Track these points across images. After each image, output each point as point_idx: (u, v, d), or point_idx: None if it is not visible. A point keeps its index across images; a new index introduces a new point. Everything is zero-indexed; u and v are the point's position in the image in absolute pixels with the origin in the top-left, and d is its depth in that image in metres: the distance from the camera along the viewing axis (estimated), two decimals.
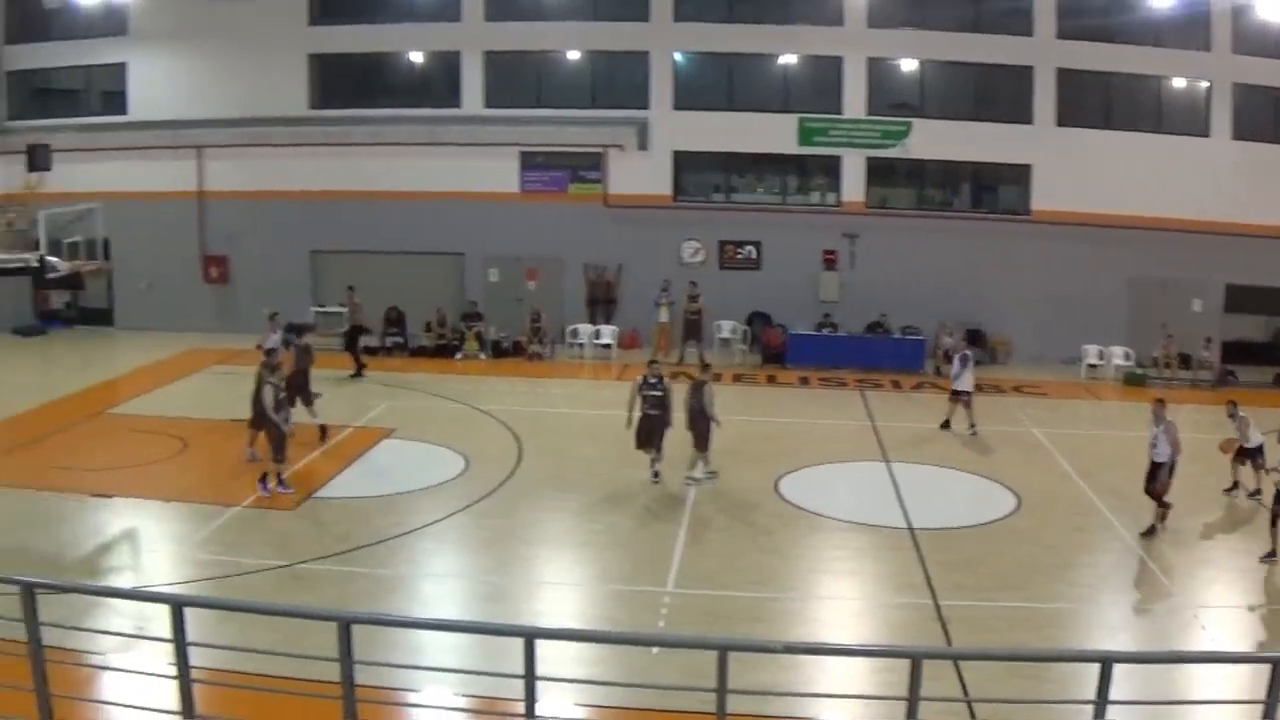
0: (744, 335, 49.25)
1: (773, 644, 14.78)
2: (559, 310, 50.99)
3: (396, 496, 31.22)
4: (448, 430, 36.75)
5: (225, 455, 34.06)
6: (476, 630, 19.18)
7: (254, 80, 52.68)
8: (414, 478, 32.72)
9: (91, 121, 55.10)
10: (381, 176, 51.88)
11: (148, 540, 29.02)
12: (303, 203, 52.71)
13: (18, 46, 55.89)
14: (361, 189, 52.05)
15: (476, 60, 51.60)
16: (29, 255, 40.33)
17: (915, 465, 34.14)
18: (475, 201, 51.19)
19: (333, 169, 52.35)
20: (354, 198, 52.15)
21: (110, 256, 45.53)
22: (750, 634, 21.63)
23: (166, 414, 39.41)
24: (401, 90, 53.52)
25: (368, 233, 52.43)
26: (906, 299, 47.48)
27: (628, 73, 50.85)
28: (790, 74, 49.87)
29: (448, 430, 36.75)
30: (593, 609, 24.52)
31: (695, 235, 50.09)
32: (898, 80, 49.44)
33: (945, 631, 22.42)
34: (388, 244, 52.38)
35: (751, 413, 38.75)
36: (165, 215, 53.63)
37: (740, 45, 49.13)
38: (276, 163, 53.01)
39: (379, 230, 52.20)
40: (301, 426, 33.77)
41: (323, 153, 52.37)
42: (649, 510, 29.75)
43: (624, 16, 49.84)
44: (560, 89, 51.86)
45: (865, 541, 27.84)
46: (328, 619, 13.62)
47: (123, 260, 50.25)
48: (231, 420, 36.79)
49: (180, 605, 13.63)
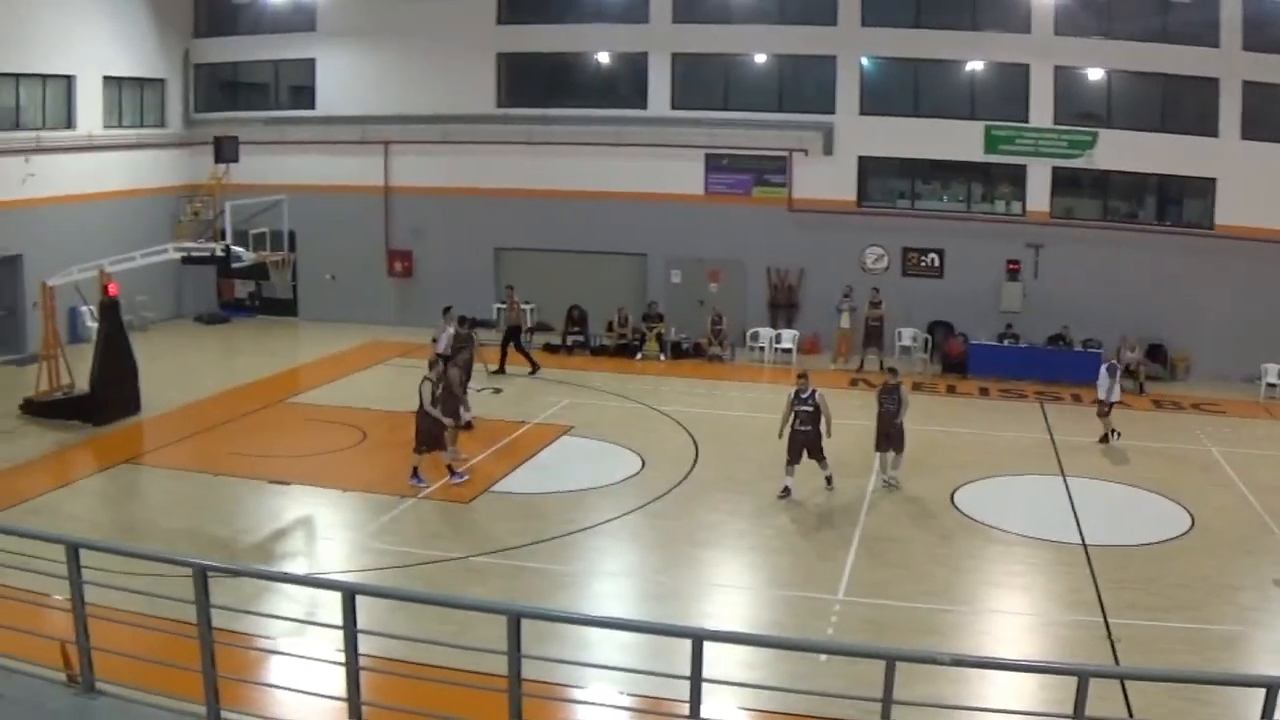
0: (925, 344, 48.83)
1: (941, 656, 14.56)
2: (740, 313, 50.66)
3: (572, 494, 31.41)
4: (625, 430, 36.81)
5: (403, 447, 34.35)
6: (645, 630, 19.17)
7: (441, 78, 53.14)
8: (590, 476, 32.88)
9: (279, 115, 55.92)
10: (567, 176, 52.00)
11: (322, 528, 29.47)
12: (488, 200, 53.01)
13: (207, 40, 56.76)
14: (546, 188, 52.21)
15: (664, 62, 51.52)
16: (215, 245, 40.93)
17: (1091, 480, 33.55)
18: (659, 203, 51.15)
19: (518, 167, 52.62)
20: (539, 196, 52.34)
21: (295, 248, 46.08)
22: (919, 645, 21.41)
23: (347, 404, 39.84)
24: (588, 90, 53.66)
25: (552, 231, 52.61)
26: (1088, 311, 46.51)
27: (814, 76, 50.37)
28: (977, 81, 49.32)
29: (625, 430, 36.81)
30: (761, 613, 24.48)
31: (878, 241, 49.67)
32: (1084, 89, 48.46)
33: (1113, 650, 22.10)
34: (571, 243, 52.55)
35: (930, 422, 38.36)
36: (351, 209, 54.30)
37: (927, 51, 48.51)
38: (463, 160, 53.42)
39: (563, 229, 52.34)
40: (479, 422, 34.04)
41: (509, 151, 52.64)
42: (822, 517, 29.60)
43: (811, 20, 49.42)
44: (746, 92, 51.56)
45: (1039, 556, 27.45)
46: (498, 612, 13.57)
47: (307, 252, 51.03)
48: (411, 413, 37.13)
49: (352, 593, 13.68)
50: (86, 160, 49.80)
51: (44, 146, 47.54)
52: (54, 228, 46.50)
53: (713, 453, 35.26)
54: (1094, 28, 46.67)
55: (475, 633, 18.00)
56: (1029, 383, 44.52)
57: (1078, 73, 47.47)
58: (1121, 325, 45.55)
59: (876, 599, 24.19)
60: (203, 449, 35.23)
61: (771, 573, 26.80)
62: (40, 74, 47.97)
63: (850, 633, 22.55)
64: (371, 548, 27.43)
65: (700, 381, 45.25)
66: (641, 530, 29.11)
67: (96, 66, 50.45)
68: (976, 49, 47.99)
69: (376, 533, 28.26)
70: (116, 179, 51.40)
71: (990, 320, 47.65)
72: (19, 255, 46.33)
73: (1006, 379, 45.08)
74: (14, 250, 46.14)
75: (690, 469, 33.70)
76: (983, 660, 19.31)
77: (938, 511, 30.33)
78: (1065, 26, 46.69)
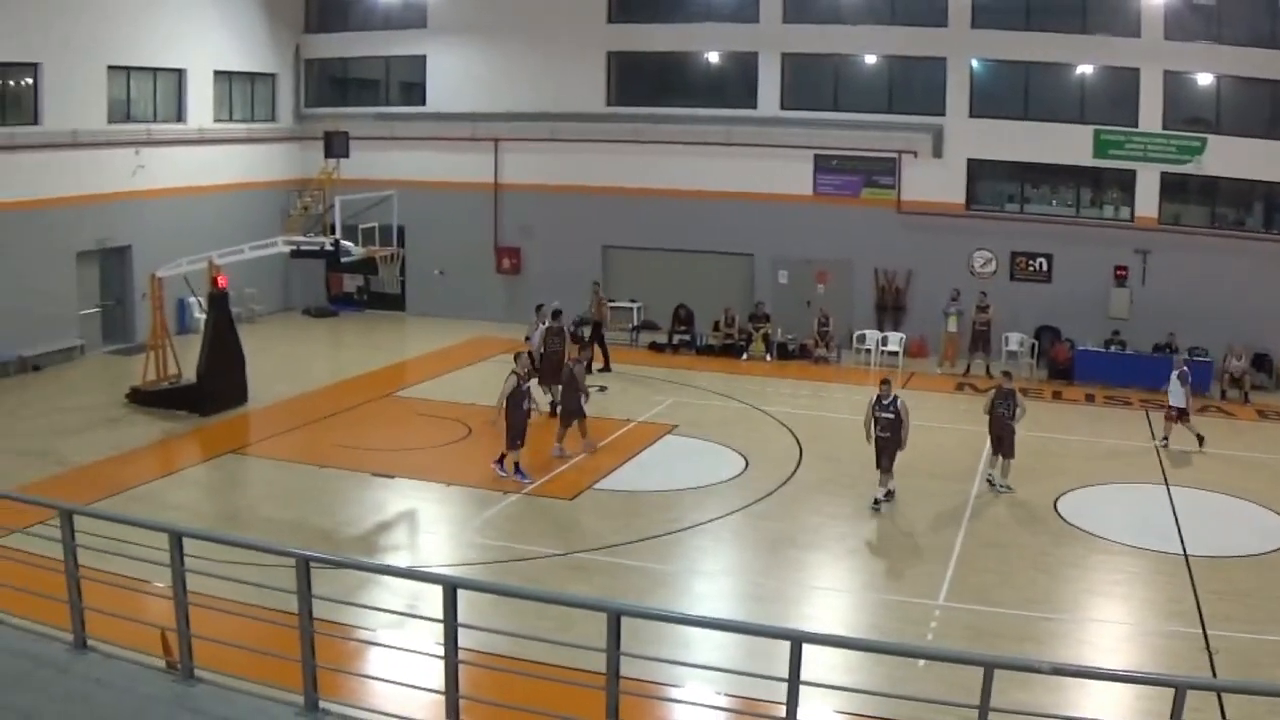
0: (1031, 349, 48.44)
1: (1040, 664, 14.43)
2: (847, 315, 50.51)
3: (675, 492, 31.44)
4: (729, 430, 36.74)
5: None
6: (744, 630, 19.10)
7: (551, 76, 53.38)
8: (693, 475, 32.88)
9: (390, 111, 56.51)
10: (675, 175, 52.04)
11: (425, 521, 29.67)
12: (596, 198, 53.16)
13: (318, 36, 57.40)
14: (655, 187, 52.28)
15: (773, 61, 51.36)
16: (324, 239, 41.22)
17: (1194, 490, 33.09)
18: (767, 203, 51.02)
19: (627, 166, 52.75)
20: (647, 195, 52.41)
21: (404, 244, 46.32)
22: (1018, 653, 21.35)
23: (452, 399, 40.00)
24: (697, 90, 53.57)
25: (659, 230, 52.64)
26: (1195, 319, 45.85)
27: (924, 78, 50.07)
28: (1086, 84, 48.84)
29: (729, 430, 36.74)
30: (860, 617, 24.42)
31: (986, 245, 49.31)
32: (1193, 94, 47.89)
33: (1211, 662, 21.82)
34: (679, 242, 52.57)
35: (1035, 428, 38.05)
36: (459, 205, 54.66)
37: (1037, 53, 48.03)
38: (572, 158, 53.63)
39: (671, 228, 52.36)
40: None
41: (618, 149, 52.76)
42: (924, 521, 29.41)
43: (921, 21, 49.21)
44: (856, 93, 51.24)
45: (1139, 565, 27.15)
46: (598, 609, 13.61)
47: (416, 248, 51.23)
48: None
49: (454, 587, 13.73)
50: (196, 153, 50.47)
51: (154, 139, 48.10)
52: (163, 220, 47.18)
53: (816, 455, 35.16)
54: (1204, 32, 46.12)
55: (574, 629, 18.04)
56: (1134, 390, 44.04)
57: (1187, 77, 46.92)
58: (1228, 333, 44.99)
59: (977, 605, 24.05)
60: (307, 441, 35.53)
61: (872, 576, 26.73)
62: (151, 67, 48.54)
63: (949, 638, 22.41)
64: (474, 542, 27.59)
65: (805, 383, 45.15)
66: (743, 531, 29.10)
67: (207, 61, 51.10)
68: (1086, 52, 47.52)
69: (479, 527, 28.42)
70: (226, 172, 52.07)
71: (1097, 326, 47.21)
72: (128, 246, 47.02)
73: (1112, 386, 44.65)
74: (123, 241, 46.80)
75: (793, 470, 33.62)
76: (1081, 669, 19.14)
77: (1041, 518, 30.09)
78: (1175, 30, 46.14)
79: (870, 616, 24.20)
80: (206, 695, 14.62)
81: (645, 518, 29.28)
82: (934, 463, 33.57)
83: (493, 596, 20.11)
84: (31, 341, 43.02)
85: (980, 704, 12.23)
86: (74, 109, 44.58)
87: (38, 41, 42.69)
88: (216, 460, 33.80)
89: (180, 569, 14.67)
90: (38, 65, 43.23)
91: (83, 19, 44.26)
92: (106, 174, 45.78)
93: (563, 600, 17.65)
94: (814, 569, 27.26)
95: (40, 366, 43.16)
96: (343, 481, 31.13)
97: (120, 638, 15.65)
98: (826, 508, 30.59)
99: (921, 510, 30.41)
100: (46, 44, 43.01)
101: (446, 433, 36.10)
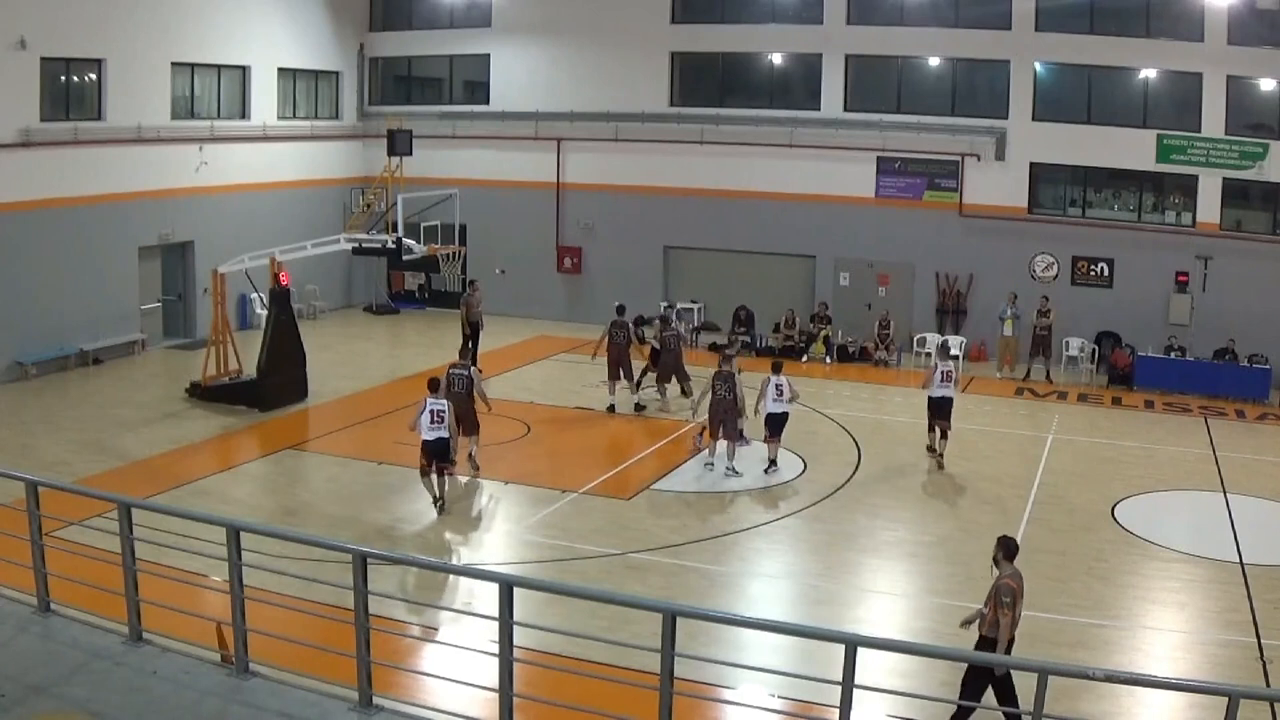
0: (1092, 354, 48.22)
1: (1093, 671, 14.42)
2: (907, 317, 50.46)
3: (732, 494, 31.45)
4: (788, 431, 36.63)
5: (566, 441, 34.59)
6: (799, 633, 19.01)
7: (615, 76, 53.48)
8: (751, 476, 32.78)
9: (453, 110, 56.68)
10: (737, 176, 52.03)
11: (482, 519, 29.57)
12: (658, 198, 53.20)
13: (382, 34, 57.72)
14: (717, 188, 52.31)
15: (837, 63, 51.21)
16: (386, 237, 41.40)
17: (1253, 498, 32.79)
18: (830, 204, 50.96)
19: (690, 166, 52.77)
20: (709, 196, 52.44)
21: (466, 242, 46.40)
22: (1071, 659, 21.25)
23: (511, 397, 40.01)
24: (760, 91, 53.53)
25: (721, 231, 52.62)
26: (1255, 326, 45.69)
27: (987, 81, 50.04)
28: (1149, 88, 48.65)
29: (788, 431, 36.63)
30: (916, 621, 24.34)
31: (1048, 249, 49.08)
32: (1256, 100, 47.55)
33: (1265, 672, 21.68)
34: (740, 243, 52.54)
35: (1094, 434, 37.98)
36: (522, 204, 54.86)
37: (1100, 57, 47.78)
38: (634, 158, 53.68)
39: (732, 229, 52.34)
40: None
41: (681, 150, 52.76)
42: (982, 525, 29.18)
43: (985, 24, 48.96)
44: (919, 95, 51.13)
45: (1195, 573, 26.94)
46: (654, 609, 13.67)
47: (477, 246, 51.47)
48: (575, 408, 37.36)
49: (510, 585, 13.78)
50: (260, 150, 50.79)
51: (218, 135, 48.38)
52: (225, 216, 47.53)
53: (875, 458, 35.09)
54: (1267, 37, 45.79)
55: (629, 629, 18.08)
56: (1194, 397, 43.80)
57: (1250, 83, 46.61)
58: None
59: (1031, 610, 23.83)
60: (367, 437, 35.66)
61: (928, 580, 26.62)
62: (215, 64, 48.87)
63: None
64: (531, 541, 27.64)
65: (865, 385, 45.08)
66: (801, 533, 29.06)
67: (271, 58, 51.40)
68: (1149, 56, 47.25)
69: (536, 525, 28.47)
70: (289, 169, 52.37)
71: (1156, 332, 46.87)
72: (190, 242, 47.31)
73: (1171, 392, 44.38)
74: (186, 237, 47.08)
75: (852, 473, 33.55)
76: (1134, 677, 19.04)
77: (1097, 525, 29.89)
78: (1238, 35, 45.80)
79: (926, 621, 24.08)
80: (261, 689, 14.71)
81: (702, 518, 29.39)
82: (994, 467, 33.46)
83: (548, 594, 20.14)
84: (93, 335, 43.33)
85: (1034, 710, 12.22)
86: (138, 105, 44.92)
87: (102, 37, 43.01)
88: (275, 456, 33.97)
89: (237, 563, 14.78)
90: (102, 61, 43.58)
91: (147, 15, 44.61)
92: (170, 170, 46.13)
93: (618, 600, 17.60)
94: (871, 572, 27.23)
95: (101, 360, 43.48)
96: (401, 478, 31.13)
97: (176, 631, 15.77)
98: (885, 511, 30.55)
99: (978, 514, 30.28)
100: (111, 40, 43.34)
101: (505, 430, 36.07)
